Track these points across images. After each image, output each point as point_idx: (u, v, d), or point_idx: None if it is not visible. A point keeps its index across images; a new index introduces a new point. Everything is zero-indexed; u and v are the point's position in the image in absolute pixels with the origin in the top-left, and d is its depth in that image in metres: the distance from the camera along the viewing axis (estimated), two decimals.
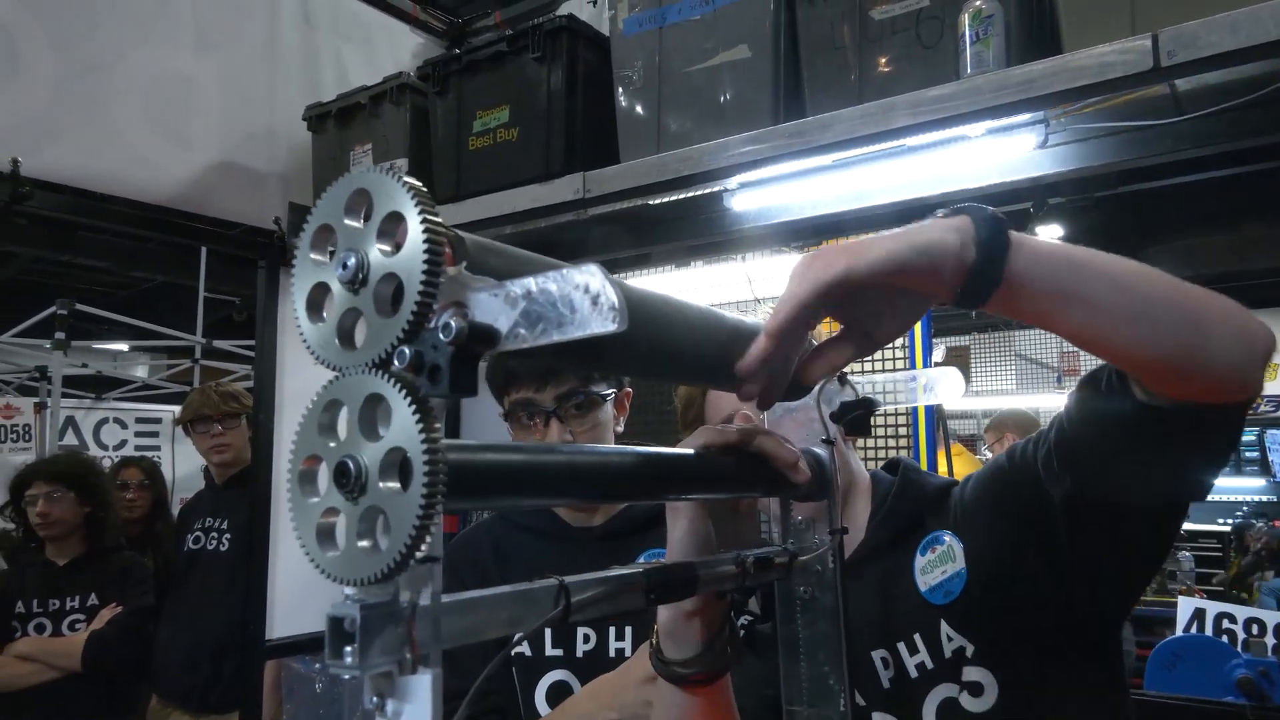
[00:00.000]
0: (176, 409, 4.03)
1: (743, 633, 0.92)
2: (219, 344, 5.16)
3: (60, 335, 4.69)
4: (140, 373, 6.98)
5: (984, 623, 0.99)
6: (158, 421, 5.81)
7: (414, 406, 0.39)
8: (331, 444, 0.43)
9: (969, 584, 1.00)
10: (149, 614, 2.87)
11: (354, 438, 0.42)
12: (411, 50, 3.38)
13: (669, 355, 0.50)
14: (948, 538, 1.03)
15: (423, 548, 0.40)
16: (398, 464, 0.40)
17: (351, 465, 0.41)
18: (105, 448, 5.58)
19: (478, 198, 2.42)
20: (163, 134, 2.75)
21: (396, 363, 0.41)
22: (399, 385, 0.40)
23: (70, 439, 5.40)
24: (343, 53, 3.21)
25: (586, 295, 0.37)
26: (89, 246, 3.23)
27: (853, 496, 1.11)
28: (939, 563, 1.03)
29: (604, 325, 0.37)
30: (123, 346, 6.98)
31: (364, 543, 0.42)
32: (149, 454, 5.25)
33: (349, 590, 0.43)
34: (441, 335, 0.40)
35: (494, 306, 0.39)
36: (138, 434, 5.79)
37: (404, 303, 0.40)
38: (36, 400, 5.26)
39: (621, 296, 0.37)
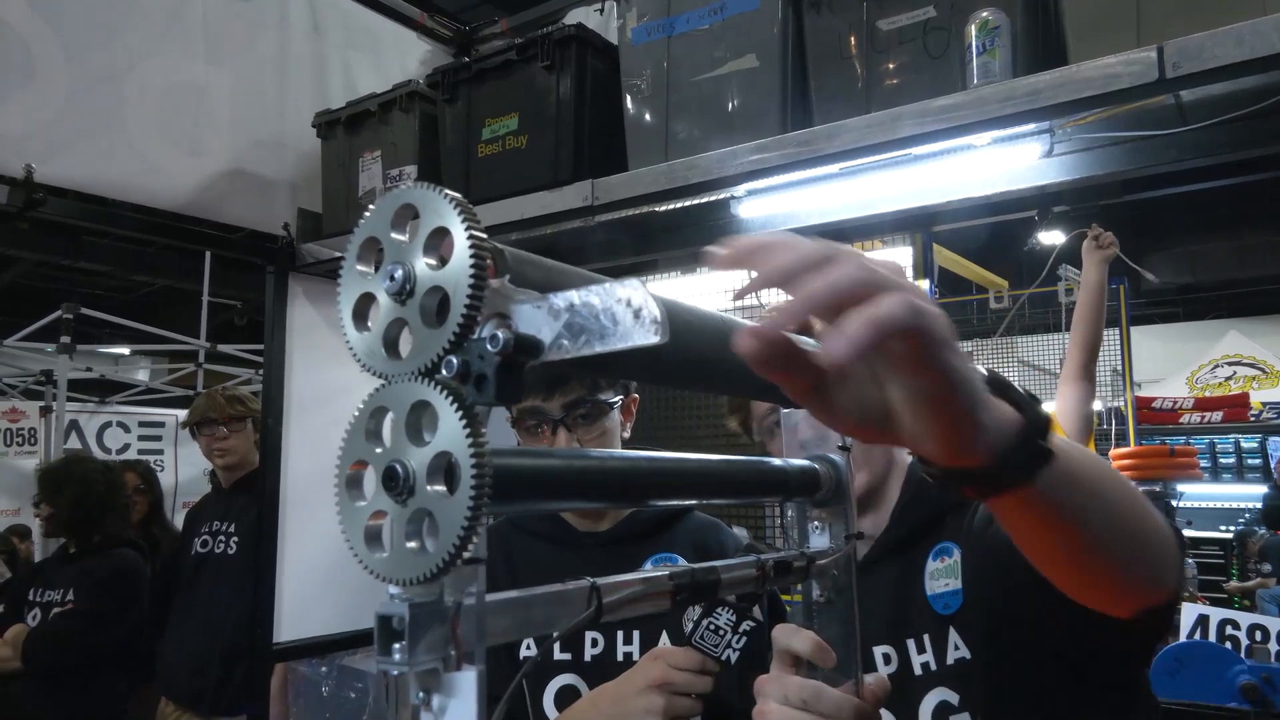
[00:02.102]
0: (179, 413, 4.06)
1: (745, 640, 0.93)
2: (222, 348, 5.18)
3: (65, 339, 4.72)
4: (143, 376, 6.99)
5: (978, 642, 1.01)
6: (160, 425, 5.83)
7: (461, 413, 0.41)
8: (378, 449, 0.45)
9: (965, 602, 1.02)
10: (94, 618, 2.90)
11: (400, 443, 0.44)
12: (419, 58, 3.40)
13: (700, 365, 0.51)
14: (956, 552, 1.04)
15: (469, 549, 0.42)
16: (444, 468, 0.42)
17: (400, 469, 0.43)
18: (109, 451, 5.60)
19: (486, 204, 2.44)
20: (174, 141, 2.77)
21: (444, 372, 0.42)
22: (446, 393, 0.41)
23: (74, 442, 5.42)
24: (351, 61, 3.23)
25: (629, 309, 0.38)
26: (94, 251, 3.26)
27: (886, 491, 1.13)
28: (946, 574, 1.04)
29: (646, 337, 0.38)
30: (125, 350, 7.00)
31: (412, 544, 0.43)
32: (151, 458, 5.27)
33: (394, 589, 0.45)
34: (489, 346, 0.41)
35: (537, 318, 0.41)
36: (141, 437, 5.81)
37: (450, 314, 0.42)
38: (42, 404, 5.28)
39: (663, 310, 0.38)
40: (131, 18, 2.68)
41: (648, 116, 2.23)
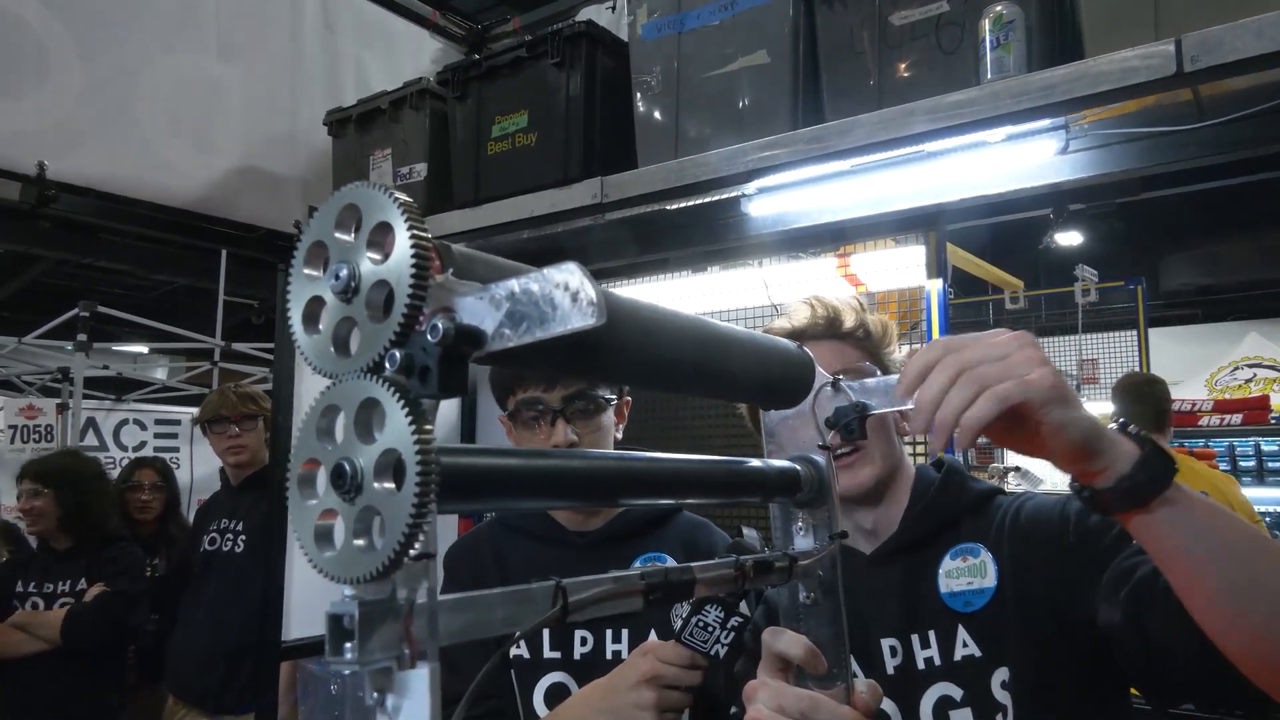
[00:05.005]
0: (196, 411, 4.09)
1: (732, 635, 0.93)
2: (238, 346, 5.21)
3: (82, 337, 4.75)
4: (160, 375, 7.06)
5: (1007, 641, 1.00)
6: (177, 423, 5.87)
7: (406, 408, 0.39)
8: (329, 448, 0.43)
9: (998, 602, 1.01)
10: (131, 599, 2.95)
11: (350, 441, 0.42)
12: (431, 56, 3.40)
13: (661, 361, 0.50)
14: (984, 553, 1.04)
15: (416, 545, 0.40)
16: (392, 465, 0.40)
17: (348, 467, 0.41)
18: (125, 448, 5.65)
19: (496, 202, 2.43)
20: (186, 139, 2.79)
21: (388, 366, 0.41)
22: (391, 388, 0.40)
23: (91, 439, 5.47)
24: (363, 58, 3.24)
25: (566, 293, 0.38)
26: (111, 249, 3.28)
27: (894, 489, 1.13)
28: (968, 573, 1.04)
29: (584, 320, 0.37)
30: (143, 349, 7.07)
31: (360, 542, 0.42)
32: (168, 455, 5.31)
33: (348, 590, 0.43)
34: (430, 337, 0.40)
35: (479, 309, 0.40)
36: (157, 435, 5.86)
37: (394, 308, 0.40)
38: (58, 401, 5.33)
39: (600, 293, 0.37)
40: (144, 15, 2.70)
41: (657, 114, 2.21)
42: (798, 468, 0.71)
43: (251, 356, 5.35)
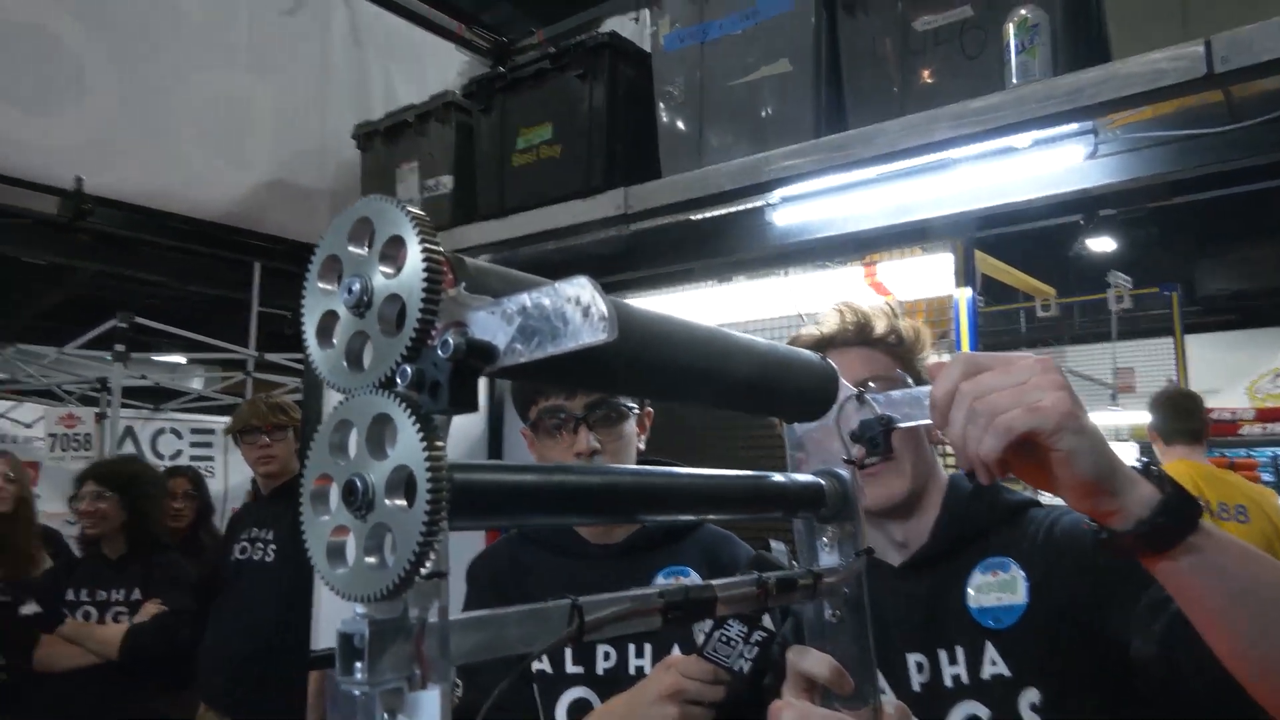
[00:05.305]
0: (229, 420, 4.14)
1: (756, 650, 0.91)
2: (270, 357, 5.27)
3: (120, 348, 4.83)
4: (196, 384, 7.16)
5: (1037, 662, 0.98)
6: (211, 432, 5.95)
7: (418, 424, 0.39)
8: (342, 463, 0.43)
9: (1028, 620, 0.99)
10: (188, 617, 2.95)
11: (362, 457, 0.42)
12: (458, 69, 3.44)
13: (676, 375, 0.49)
14: (1014, 568, 1.02)
15: (428, 563, 0.40)
16: (403, 482, 0.40)
17: (359, 483, 0.41)
18: (161, 457, 5.73)
19: (520, 214, 2.44)
20: (218, 153, 2.84)
21: (399, 382, 0.41)
22: (403, 403, 0.40)
23: (129, 448, 5.56)
24: (391, 72, 3.28)
25: (578, 307, 0.38)
26: (147, 262, 3.34)
27: (925, 501, 1.10)
28: (998, 588, 1.02)
29: (595, 335, 0.37)
30: (180, 359, 7.17)
31: (371, 559, 0.42)
32: (202, 464, 5.38)
33: (359, 608, 0.43)
34: (440, 352, 0.40)
35: (491, 323, 0.40)
36: (192, 444, 5.94)
37: (406, 322, 0.40)
38: (97, 410, 5.43)
39: (611, 307, 0.37)
40: (178, 32, 2.75)
41: (681, 123, 2.21)
42: (821, 482, 0.70)
43: (284, 367, 5.41)
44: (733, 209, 2.20)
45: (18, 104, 2.45)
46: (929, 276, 2.47)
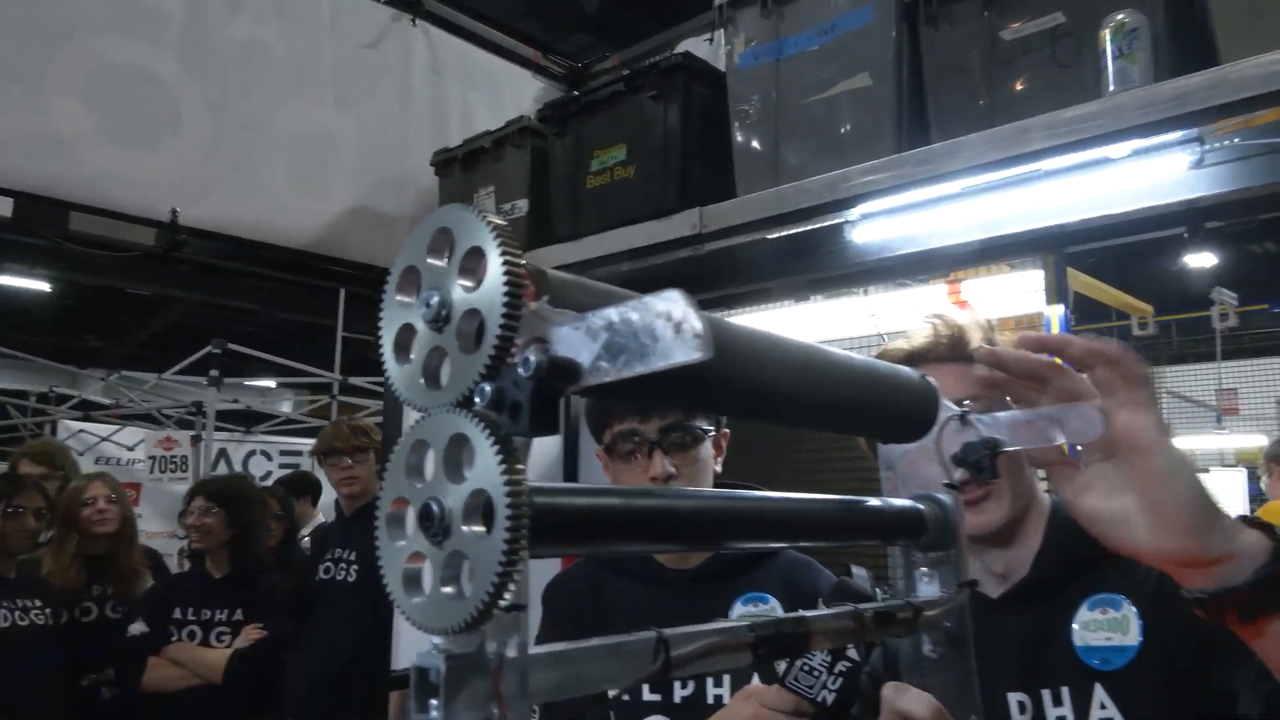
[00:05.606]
0: (314, 442, 4.25)
1: (840, 681, 0.87)
2: (355, 381, 5.41)
3: (214, 373, 5.03)
4: (285, 408, 7.41)
5: (1150, 709, 0.91)
6: (299, 454, 6.13)
7: (496, 446, 0.37)
8: (418, 485, 0.41)
9: (1140, 663, 0.92)
10: (289, 640, 2.99)
11: (439, 479, 0.40)
12: (533, 95, 3.49)
13: (772, 394, 0.46)
14: (1126, 606, 0.95)
15: (507, 595, 0.38)
16: (481, 507, 0.38)
17: (435, 507, 0.39)
18: (253, 478, 5.93)
19: (595, 235, 2.44)
20: (304, 183, 2.94)
21: (478, 400, 0.39)
22: (482, 424, 0.38)
23: (222, 469, 5.77)
24: (469, 100, 3.35)
25: (669, 323, 0.34)
26: (240, 290, 3.47)
27: (1026, 528, 1.04)
28: (1107, 627, 0.95)
29: (688, 354, 0.34)
30: (270, 383, 7.43)
31: (448, 589, 0.40)
32: None
33: (436, 640, 0.41)
34: (521, 371, 0.38)
35: (575, 340, 0.37)
36: (281, 465, 6.13)
37: (485, 338, 0.38)
38: (193, 433, 5.65)
39: (706, 324, 0.34)
40: (267, 71, 2.86)
41: (756, 142, 2.18)
42: (921, 507, 0.66)
43: (367, 390, 5.55)
44: (810, 226, 2.15)
45: (119, 141, 2.58)
46: (1017, 294, 2.38)
